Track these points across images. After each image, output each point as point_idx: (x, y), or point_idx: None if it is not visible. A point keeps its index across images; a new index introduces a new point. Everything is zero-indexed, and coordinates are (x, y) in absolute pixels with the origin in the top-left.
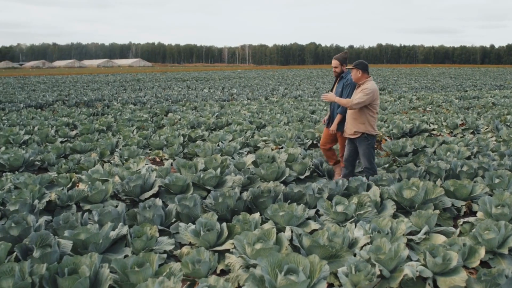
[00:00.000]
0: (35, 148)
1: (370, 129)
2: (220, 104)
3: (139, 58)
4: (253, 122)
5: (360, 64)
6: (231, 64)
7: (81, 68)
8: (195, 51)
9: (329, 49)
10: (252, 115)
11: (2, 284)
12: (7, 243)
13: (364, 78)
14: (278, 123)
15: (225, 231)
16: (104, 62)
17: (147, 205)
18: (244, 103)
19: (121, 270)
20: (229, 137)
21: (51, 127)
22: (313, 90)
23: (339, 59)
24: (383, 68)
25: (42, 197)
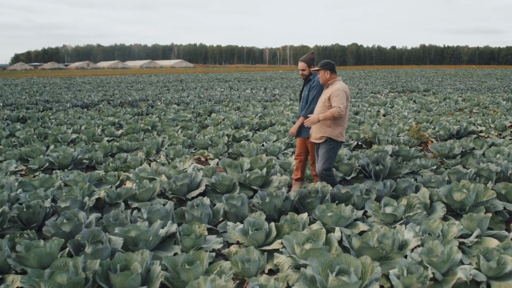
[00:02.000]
0: (83, 146)
1: (336, 134)
2: (262, 104)
3: (181, 59)
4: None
5: (327, 64)
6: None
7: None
8: (236, 52)
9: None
10: (295, 116)
11: (56, 278)
12: (60, 238)
13: (332, 79)
14: None
15: (274, 230)
16: (147, 63)
17: (195, 204)
18: (286, 103)
19: (172, 267)
20: (273, 138)
21: (98, 126)
22: (356, 91)
23: (306, 61)
24: (427, 69)
25: (91, 194)
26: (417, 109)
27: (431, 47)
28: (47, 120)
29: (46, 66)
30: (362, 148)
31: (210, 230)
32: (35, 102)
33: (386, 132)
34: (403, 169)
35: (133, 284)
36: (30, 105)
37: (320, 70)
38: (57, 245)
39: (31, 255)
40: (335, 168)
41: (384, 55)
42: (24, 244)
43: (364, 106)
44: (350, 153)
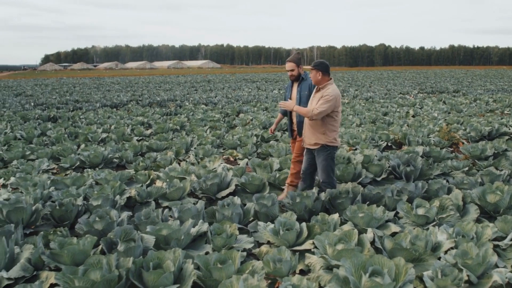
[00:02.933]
0: (113, 146)
1: (331, 140)
2: None
3: (208, 59)
4: None
5: (320, 64)
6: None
7: (152, 69)
8: (263, 52)
9: (399, 51)
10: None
11: (90, 275)
12: (93, 236)
13: (324, 81)
14: (350, 124)
15: (305, 231)
16: (174, 64)
17: (225, 203)
18: None
19: (204, 266)
20: None
21: (127, 126)
22: (384, 92)
23: (294, 61)
24: (456, 70)
25: (122, 193)
26: (447, 110)
27: (460, 48)
28: (77, 120)
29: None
30: (392, 149)
31: (241, 229)
32: (65, 102)
33: (416, 133)
34: (434, 170)
35: (165, 282)
36: (61, 105)
37: (312, 70)
38: (90, 242)
39: (65, 252)
40: (365, 169)
41: (412, 56)
42: (57, 241)
43: (393, 107)
44: (380, 154)
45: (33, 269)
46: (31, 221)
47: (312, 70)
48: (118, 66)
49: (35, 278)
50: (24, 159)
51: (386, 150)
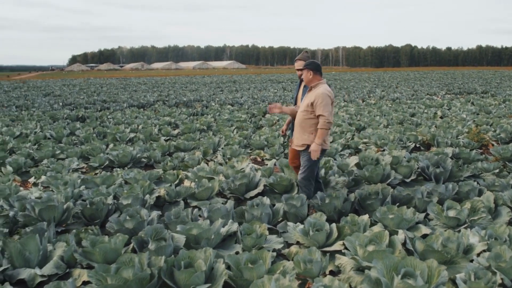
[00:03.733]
0: (141, 145)
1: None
2: None
3: (233, 60)
4: (352, 124)
5: (310, 64)
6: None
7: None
8: (289, 53)
9: (425, 51)
10: (351, 117)
11: (123, 274)
12: (124, 235)
13: (316, 81)
14: (378, 125)
15: (335, 231)
16: (200, 64)
17: (255, 204)
18: (341, 105)
19: (235, 266)
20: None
21: (154, 126)
22: (411, 93)
23: (303, 59)
24: (484, 71)
25: (152, 192)
26: (475, 111)
27: (488, 48)
28: (105, 120)
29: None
30: (420, 150)
31: (270, 230)
32: (93, 102)
33: (445, 134)
34: (464, 172)
35: (197, 281)
36: (88, 105)
37: (303, 70)
38: (121, 241)
39: (97, 250)
40: (394, 170)
41: (439, 56)
42: (89, 240)
43: (421, 108)
44: (408, 155)
45: (65, 266)
46: (63, 219)
47: (303, 70)
48: (144, 67)
49: (68, 275)
50: (54, 158)
51: (414, 151)
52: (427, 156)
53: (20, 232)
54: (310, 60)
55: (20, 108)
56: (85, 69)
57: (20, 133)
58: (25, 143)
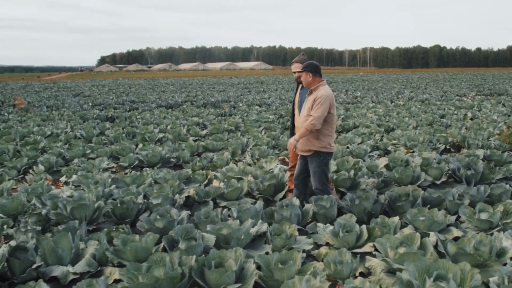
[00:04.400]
0: (170, 145)
1: (325, 145)
2: (345, 106)
3: (260, 61)
4: (381, 125)
5: (309, 65)
6: (352, 67)
7: (205, 70)
8: (316, 54)
9: (455, 52)
10: (379, 118)
11: (154, 272)
12: (155, 234)
13: (316, 83)
14: (407, 126)
15: (365, 233)
16: (227, 65)
17: (284, 204)
18: (369, 106)
19: (265, 266)
20: (357, 140)
21: (183, 126)
22: (441, 94)
23: (300, 61)
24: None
25: (181, 192)
26: (506, 112)
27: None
28: (134, 120)
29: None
30: (451, 152)
31: (299, 230)
32: (122, 102)
33: (476, 136)
34: (496, 174)
35: (227, 281)
36: (118, 105)
37: (302, 72)
38: (152, 240)
39: (128, 249)
40: (424, 172)
41: (469, 57)
42: (120, 238)
43: (450, 109)
44: (439, 157)
45: (97, 264)
46: (94, 218)
47: (302, 72)
48: (171, 68)
49: (100, 273)
50: (84, 157)
51: (444, 153)
52: (458, 158)
53: (53, 230)
54: (308, 61)
55: (51, 108)
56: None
57: (51, 132)
58: (56, 142)
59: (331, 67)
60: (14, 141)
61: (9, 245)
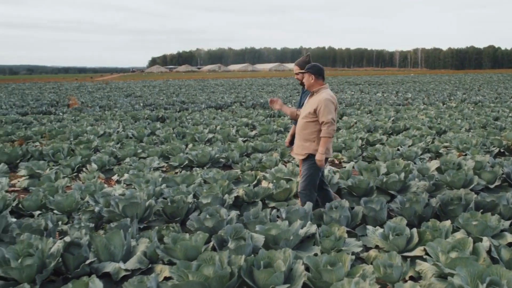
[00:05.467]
0: (219, 146)
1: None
2: (395, 108)
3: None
4: (432, 128)
5: (312, 67)
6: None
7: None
8: (366, 55)
9: (510, 52)
10: (431, 120)
11: (203, 271)
12: (204, 233)
13: (318, 85)
14: (459, 129)
15: (415, 237)
16: (276, 66)
17: (333, 206)
18: (420, 107)
19: (314, 267)
20: (408, 142)
21: (232, 127)
22: (495, 96)
23: (299, 64)
24: None
25: (230, 192)
26: None
27: None
28: (184, 120)
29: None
30: (505, 155)
31: (349, 232)
32: (172, 103)
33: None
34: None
35: (276, 281)
36: (168, 106)
37: (305, 73)
38: (202, 239)
39: (178, 247)
40: (477, 176)
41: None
42: (171, 237)
43: (505, 112)
44: (492, 160)
45: (148, 262)
46: (145, 216)
47: (305, 73)
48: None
49: (150, 270)
50: (136, 156)
51: (498, 157)
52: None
53: (105, 227)
54: (312, 63)
55: (103, 108)
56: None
57: (104, 132)
58: (108, 142)
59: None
60: (68, 140)
61: (64, 241)
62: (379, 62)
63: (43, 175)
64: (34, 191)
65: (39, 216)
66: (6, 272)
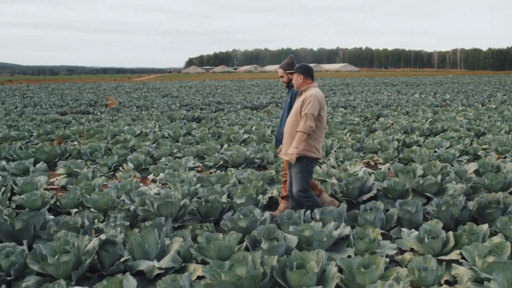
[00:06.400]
0: (254, 146)
1: (310, 150)
2: (433, 109)
3: (346, 63)
4: (471, 129)
5: (301, 67)
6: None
7: None
8: (403, 55)
9: None
10: (469, 122)
11: (236, 271)
12: (237, 233)
13: (306, 84)
14: (498, 131)
15: (451, 240)
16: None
17: (368, 208)
18: (458, 109)
19: (347, 269)
20: (446, 144)
21: (267, 127)
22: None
23: (282, 66)
24: None
25: (264, 192)
26: None
27: None
28: (220, 120)
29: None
30: None
31: (383, 235)
32: (208, 103)
33: None
34: None
35: (309, 282)
36: (204, 106)
37: (294, 73)
38: (235, 239)
39: (211, 246)
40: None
41: None
42: (204, 236)
43: None
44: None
45: (181, 260)
46: (179, 215)
47: (294, 73)
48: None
49: (184, 269)
50: (171, 156)
51: None
52: None
53: (140, 226)
54: (300, 63)
55: (140, 108)
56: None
57: (140, 132)
58: (144, 141)
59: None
60: (105, 140)
61: (99, 238)
62: (417, 62)
63: (81, 174)
64: (72, 189)
65: (76, 214)
66: (43, 268)
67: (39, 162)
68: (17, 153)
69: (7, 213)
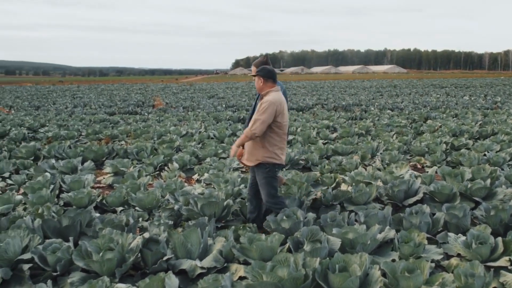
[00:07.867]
0: (299, 148)
1: (270, 156)
2: (483, 112)
3: (393, 64)
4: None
5: (261, 70)
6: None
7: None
8: (453, 57)
9: None
10: None
11: (278, 272)
12: (280, 234)
13: (267, 88)
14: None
15: (500, 246)
16: (359, 68)
17: (413, 211)
18: (510, 112)
19: (391, 273)
20: (496, 147)
21: (313, 129)
22: None
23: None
24: None
25: (308, 194)
26: None
27: None
28: None
29: None
30: None
31: (429, 239)
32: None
33: None
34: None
35: (351, 286)
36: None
37: (255, 76)
38: (277, 240)
39: (253, 247)
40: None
41: None
42: (247, 237)
43: None
44: None
45: (224, 261)
46: (222, 215)
47: (255, 76)
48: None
49: (225, 269)
50: (216, 157)
51: None
52: None
53: (184, 225)
54: (262, 66)
55: (187, 109)
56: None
57: (186, 132)
58: (190, 142)
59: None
60: (152, 140)
61: (143, 237)
62: (467, 64)
63: (127, 173)
64: (118, 188)
65: (121, 212)
66: (87, 264)
67: (87, 161)
68: (66, 152)
69: (55, 210)
